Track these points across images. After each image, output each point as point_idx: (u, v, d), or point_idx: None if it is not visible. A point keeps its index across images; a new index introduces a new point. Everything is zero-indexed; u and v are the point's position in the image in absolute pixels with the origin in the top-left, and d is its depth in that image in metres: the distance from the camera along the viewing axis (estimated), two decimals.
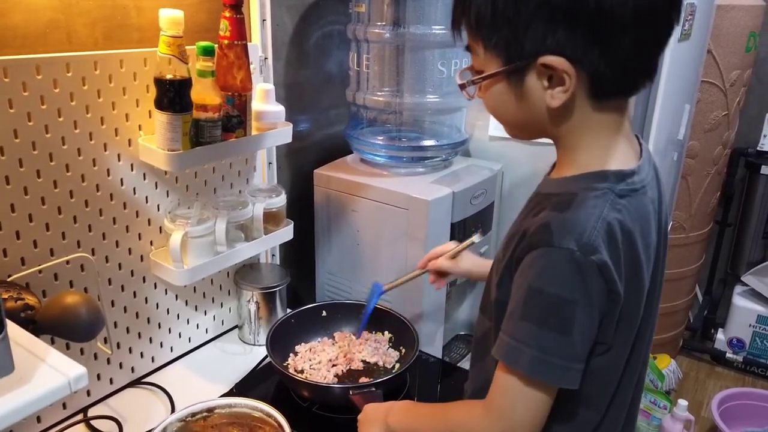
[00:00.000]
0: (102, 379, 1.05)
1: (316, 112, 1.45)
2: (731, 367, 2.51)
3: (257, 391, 1.08)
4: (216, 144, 1.00)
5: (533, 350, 0.60)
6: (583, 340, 0.61)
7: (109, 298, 1.03)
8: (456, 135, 1.38)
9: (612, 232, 0.60)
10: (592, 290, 0.60)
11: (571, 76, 0.59)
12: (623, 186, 0.63)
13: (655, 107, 1.28)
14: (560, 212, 0.61)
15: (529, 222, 0.64)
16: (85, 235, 0.96)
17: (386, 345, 1.18)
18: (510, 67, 0.62)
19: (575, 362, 0.61)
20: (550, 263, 0.60)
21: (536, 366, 0.61)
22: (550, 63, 0.59)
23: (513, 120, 0.68)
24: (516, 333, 0.62)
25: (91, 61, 0.91)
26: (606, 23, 0.57)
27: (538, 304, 0.61)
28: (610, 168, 0.64)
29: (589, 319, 0.61)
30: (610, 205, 0.61)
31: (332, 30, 1.42)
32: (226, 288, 1.26)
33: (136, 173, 1.01)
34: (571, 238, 0.59)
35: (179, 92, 0.92)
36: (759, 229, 2.49)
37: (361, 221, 1.29)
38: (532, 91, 0.62)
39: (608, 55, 0.58)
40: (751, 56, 2.22)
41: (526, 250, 0.62)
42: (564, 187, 0.65)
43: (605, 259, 0.59)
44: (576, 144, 0.65)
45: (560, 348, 0.60)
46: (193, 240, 1.04)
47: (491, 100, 0.67)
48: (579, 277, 0.59)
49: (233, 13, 0.98)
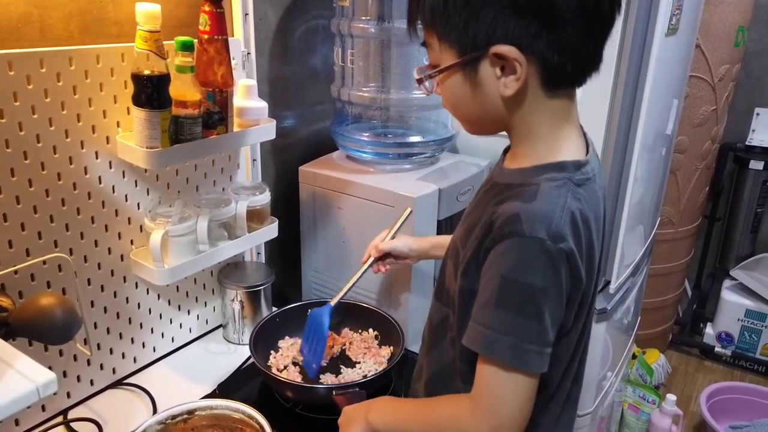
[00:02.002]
0: (82, 381, 1.03)
1: (301, 108, 1.43)
2: (720, 361, 2.52)
3: (241, 392, 1.07)
4: (196, 141, 0.99)
5: (511, 338, 0.62)
6: (552, 325, 0.63)
7: (88, 298, 1.01)
8: (443, 131, 1.36)
9: (575, 221, 0.63)
10: (561, 277, 0.62)
11: (522, 65, 0.61)
12: (579, 176, 0.66)
13: (643, 102, 1.27)
14: (527, 203, 0.63)
15: (491, 211, 0.65)
16: (62, 234, 0.94)
17: (375, 342, 1.17)
18: (464, 58, 0.63)
19: (547, 347, 0.63)
20: (523, 252, 0.61)
21: (516, 353, 0.62)
22: (502, 52, 0.61)
23: (469, 113, 0.69)
24: (492, 322, 0.63)
25: (66, 56, 0.89)
26: (551, 12, 0.59)
27: (513, 292, 0.62)
28: (566, 158, 0.66)
29: (558, 305, 0.63)
30: (572, 194, 0.64)
31: (317, 24, 1.40)
32: (210, 287, 1.24)
33: (114, 171, 0.99)
34: (541, 227, 0.60)
35: (157, 88, 0.90)
36: (747, 224, 2.50)
37: (347, 219, 1.28)
38: (486, 82, 0.64)
39: (556, 43, 0.61)
40: (740, 51, 2.22)
41: (497, 240, 0.63)
42: (524, 177, 0.67)
43: (572, 246, 0.62)
44: (531, 133, 0.67)
45: (534, 334, 0.62)
46: (174, 239, 1.02)
47: (448, 93, 0.68)
48: (550, 264, 0.61)
49: (213, 7, 0.96)
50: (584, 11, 0.60)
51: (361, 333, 1.19)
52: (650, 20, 1.17)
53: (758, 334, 2.44)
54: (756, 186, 2.43)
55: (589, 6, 0.60)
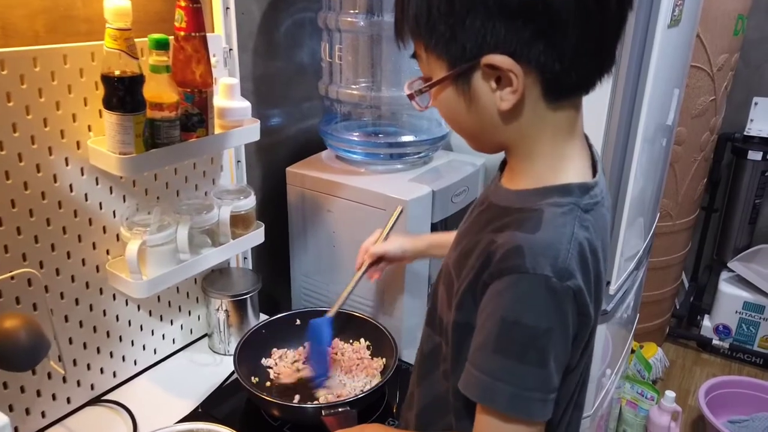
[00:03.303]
0: (58, 399, 0.97)
1: (287, 106, 1.37)
2: (717, 354, 2.50)
3: (225, 409, 1.01)
4: (174, 145, 0.92)
5: (510, 387, 0.55)
6: (558, 368, 0.57)
7: (62, 312, 0.95)
8: (436, 129, 1.30)
9: (583, 254, 0.57)
10: (566, 316, 0.56)
11: (518, 76, 0.54)
12: (587, 200, 0.59)
13: (645, 94, 1.23)
14: (530, 233, 0.56)
15: (489, 240, 0.59)
16: (31, 247, 0.88)
17: (367, 353, 1.12)
18: (455, 70, 0.57)
19: (551, 393, 0.57)
20: (525, 291, 0.55)
21: (516, 403, 0.56)
22: (494, 63, 0.54)
23: (467, 128, 0.62)
24: (489, 368, 0.57)
25: (29, 57, 0.82)
26: (546, 14, 0.52)
27: (513, 336, 0.55)
28: (571, 180, 0.60)
29: (563, 346, 0.57)
30: (579, 222, 0.57)
31: (303, 18, 1.33)
32: (194, 295, 1.18)
33: (87, 178, 0.93)
34: (546, 263, 0.54)
35: (129, 90, 0.84)
36: (745, 215, 2.46)
37: (337, 222, 1.22)
38: (481, 95, 0.58)
39: (554, 50, 0.53)
40: (739, 40, 2.17)
41: (496, 276, 0.57)
42: (524, 201, 0.60)
43: (580, 284, 0.55)
44: (531, 151, 0.60)
45: (538, 382, 0.56)
46: (153, 249, 0.96)
47: (443, 108, 0.62)
48: (554, 304, 0.55)
49: (189, 2, 0.89)
50: (586, 11, 0.52)
51: (352, 343, 1.14)
52: (653, 12, 1.12)
53: (756, 326, 2.41)
54: (754, 176, 2.39)
55: (591, 5, 0.52)
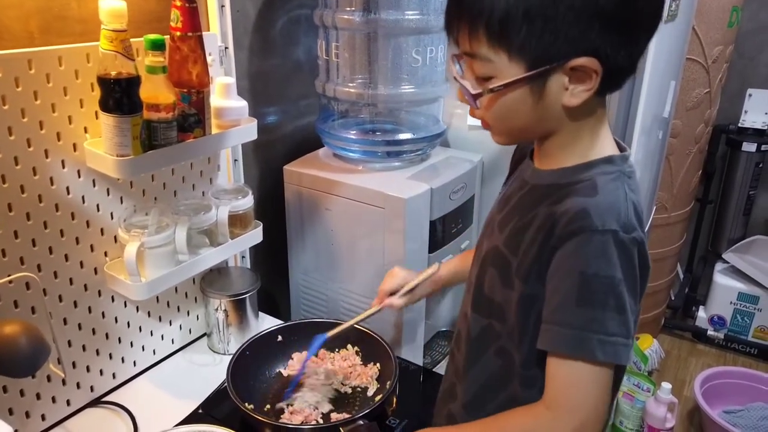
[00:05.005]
0: (58, 402, 0.97)
1: (284, 104, 1.36)
2: (712, 345, 2.51)
3: (225, 408, 1.01)
4: (172, 146, 0.92)
5: (599, 334, 0.61)
6: (632, 315, 0.62)
7: (60, 315, 0.95)
8: (434, 126, 1.30)
9: (637, 211, 0.64)
10: (635, 267, 0.62)
11: (598, 75, 0.60)
12: (628, 168, 0.67)
13: (642, 87, 1.24)
14: (591, 197, 0.62)
15: (547, 212, 0.64)
16: (28, 250, 0.88)
17: (358, 360, 1.08)
18: (537, 71, 0.61)
19: (630, 338, 0.62)
20: (598, 246, 0.60)
21: (606, 349, 0.61)
22: (582, 64, 0.59)
23: (521, 124, 0.66)
24: (575, 321, 0.62)
25: (24, 59, 0.81)
26: (636, 24, 0.60)
27: (594, 288, 0.61)
28: (611, 153, 0.67)
29: (634, 295, 0.63)
30: (627, 185, 0.64)
31: (299, 15, 1.32)
32: (193, 295, 1.18)
33: (84, 180, 0.93)
34: (612, 219, 0.60)
35: (126, 92, 0.83)
36: (740, 206, 2.47)
37: (335, 220, 1.22)
38: (550, 92, 0.62)
39: (631, 53, 0.61)
40: (733, 31, 2.17)
41: (565, 238, 0.62)
42: (571, 175, 0.66)
43: (642, 236, 0.62)
44: (577, 134, 0.66)
45: (621, 327, 0.61)
46: (151, 251, 0.96)
47: (503, 106, 0.65)
48: (626, 255, 0.61)
49: (185, 2, 0.88)
50: (657, 18, 0.62)
51: (339, 351, 1.10)
52: None
53: (750, 317, 2.43)
54: (749, 168, 2.40)
55: (660, 12, 0.62)
